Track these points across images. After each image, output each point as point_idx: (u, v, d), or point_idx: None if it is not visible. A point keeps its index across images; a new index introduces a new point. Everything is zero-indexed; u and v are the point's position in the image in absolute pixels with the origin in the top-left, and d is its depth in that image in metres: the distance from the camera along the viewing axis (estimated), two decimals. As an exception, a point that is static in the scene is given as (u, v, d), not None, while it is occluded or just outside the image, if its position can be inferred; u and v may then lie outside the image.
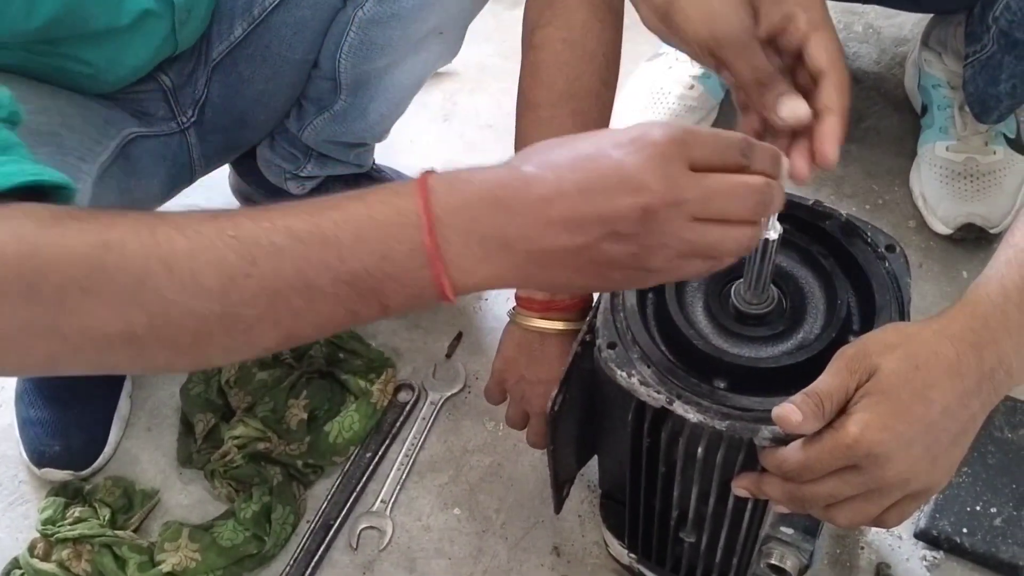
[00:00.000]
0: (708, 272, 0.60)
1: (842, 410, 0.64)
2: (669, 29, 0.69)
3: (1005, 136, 1.23)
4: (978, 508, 1.00)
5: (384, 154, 1.36)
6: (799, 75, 0.68)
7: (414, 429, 1.12)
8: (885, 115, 1.37)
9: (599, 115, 0.88)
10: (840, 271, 0.76)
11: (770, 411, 0.66)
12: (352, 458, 1.10)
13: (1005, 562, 0.98)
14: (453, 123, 1.45)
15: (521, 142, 0.88)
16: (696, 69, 1.34)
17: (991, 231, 1.19)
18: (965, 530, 0.99)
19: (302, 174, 1.17)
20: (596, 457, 0.92)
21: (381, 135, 1.17)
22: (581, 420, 0.83)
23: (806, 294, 0.75)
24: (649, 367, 0.72)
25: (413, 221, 0.55)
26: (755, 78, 0.66)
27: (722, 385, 0.71)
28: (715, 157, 0.57)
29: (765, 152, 0.59)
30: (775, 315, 0.74)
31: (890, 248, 0.76)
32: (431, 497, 1.08)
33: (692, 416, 0.70)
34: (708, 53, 0.68)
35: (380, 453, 1.10)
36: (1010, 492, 1.01)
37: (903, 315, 0.73)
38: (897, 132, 1.35)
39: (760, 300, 0.73)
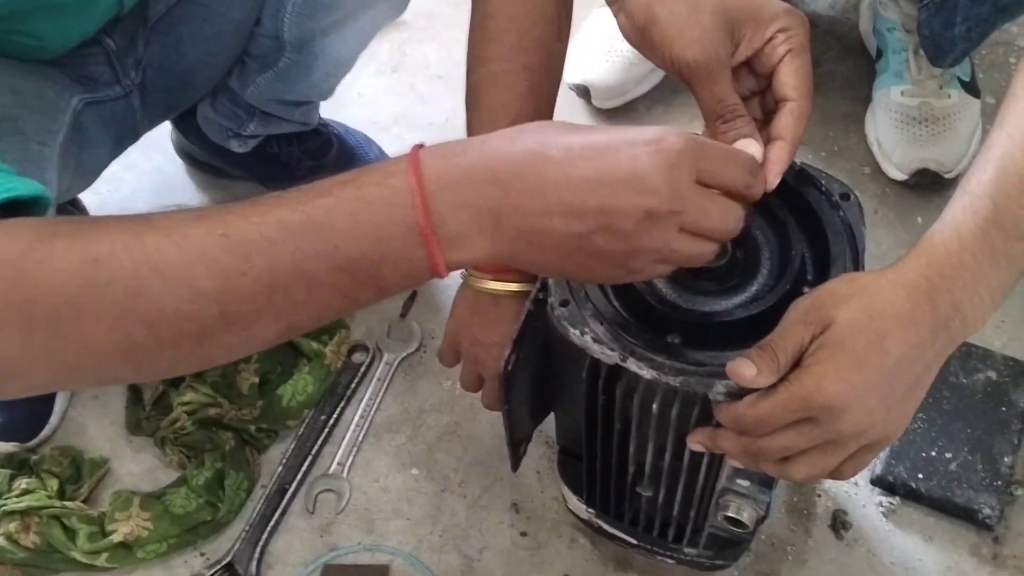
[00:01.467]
0: (667, 273, 0.62)
1: (797, 363, 0.64)
2: (645, 43, 0.67)
3: (960, 80, 1.22)
4: (933, 453, 1.01)
5: (331, 108, 1.33)
6: (768, 96, 0.68)
7: (369, 390, 1.11)
8: (840, 60, 1.35)
9: (552, 69, 0.86)
10: (794, 221, 0.74)
11: (725, 365, 0.65)
12: (306, 421, 1.08)
13: (961, 506, 0.98)
14: (402, 74, 1.42)
15: (473, 98, 0.86)
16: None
17: (946, 176, 1.19)
18: (921, 475, 1.00)
19: (244, 133, 1.14)
20: (553, 413, 0.91)
21: (326, 93, 1.13)
22: (536, 378, 0.82)
23: (760, 245, 0.74)
24: (602, 324, 0.70)
25: (407, 200, 0.55)
26: (716, 111, 0.66)
27: (676, 340, 0.70)
28: (721, 176, 0.58)
29: (759, 177, 0.62)
30: (729, 268, 0.72)
31: (844, 196, 0.75)
32: (388, 458, 1.07)
33: (646, 372, 0.68)
34: (677, 73, 0.67)
35: (335, 415, 1.09)
36: (964, 437, 1.02)
37: (858, 265, 0.72)
38: (852, 77, 1.33)
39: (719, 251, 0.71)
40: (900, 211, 1.22)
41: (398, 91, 1.40)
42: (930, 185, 1.20)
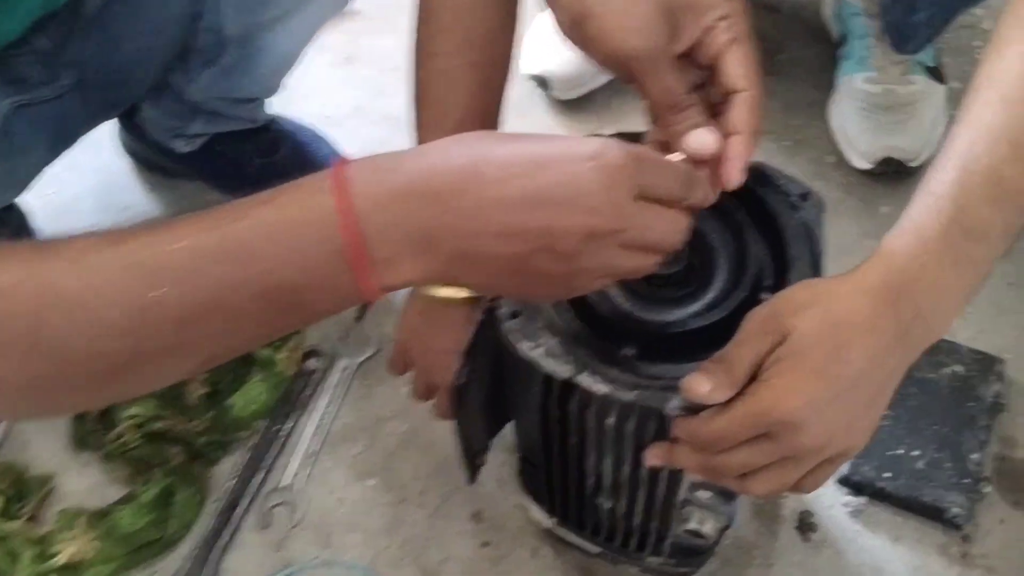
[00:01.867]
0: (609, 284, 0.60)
1: (755, 375, 0.61)
2: (582, 38, 0.63)
3: (924, 65, 1.20)
4: (900, 452, 0.99)
5: (283, 102, 1.28)
6: (711, 89, 0.65)
7: (325, 398, 1.07)
8: (803, 46, 1.33)
9: (501, 66, 0.83)
10: (752, 222, 0.72)
11: (680, 379, 0.62)
12: (259, 432, 1.05)
13: (928, 505, 0.97)
14: (357, 66, 1.38)
15: (421, 95, 0.83)
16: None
17: (911, 164, 1.17)
18: (888, 475, 0.98)
19: (189, 132, 1.10)
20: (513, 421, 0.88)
21: (273, 89, 1.09)
22: (490, 388, 0.79)
23: (716, 249, 0.71)
24: (554, 336, 0.68)
25: (332, 220, 0.51)
26: (665, 101, 0.62)
27: (631, 352, 0.67)
28: (661, 188, 0.56)
29: (702, 184, 0.59)
30: (685, 274, 0.70)
31: (804, 196, 0.72)
32: (345, 468, 1.03)
33: (599, 388, 0.66)
34: (619, 67, 0.63)
35: (289, 425, 1.05)
36: (932, 434, 1.00)
37: (817, 268, 0.70)
38: (816, 63, 1.31)
39: (668, 259, 0.69)
40: (865, 200, 1.19)
41: (353, 83, 1.36)
42: (895, 174, 1.18)
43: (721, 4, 0.62)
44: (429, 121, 0.82)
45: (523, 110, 1.29)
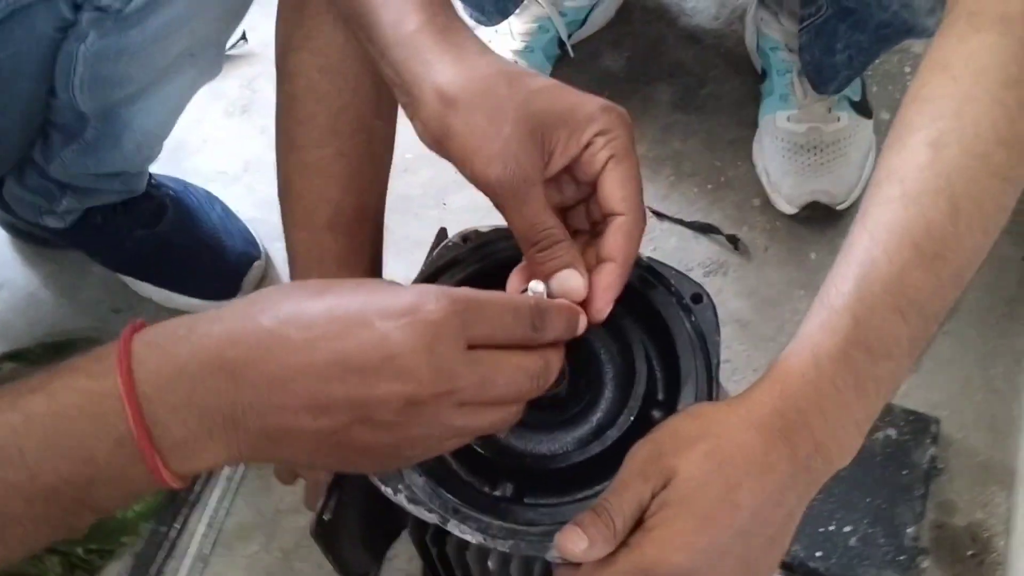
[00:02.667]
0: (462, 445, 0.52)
1: (640, 521, 0.54)
2: (445, 156, 0.57)
3: (849, 100, 1.13)
4: (832, 528, 0.93)
5: (174, 158, 1.20)
6: (594, 205, 0.58)
7: (217, 492, 0.99)
8: (726, 78, 1.25)
9: (374, 152, 0.75)
10: (642, 328, 0.65)
11: (560, 523, 0.55)
12: (145, 536, 0.97)
13: (864, 586, 0.91)
14: (254, 115, 1.29)
15: (286, 189, 0.75)
16: (518, 43, 1.20)
17: (838, 207, 1.10)
18: (819, 554, 0.92)
19: (59, 209, 1.01)
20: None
21: (143, 163, 1.01)
22: (368, 514, 0.71)
23: (604, 364, 0.64)
24: (421, 476, 0.60)
25: (114, 407, 0.45)
26: (528, 237, 0.55)
27: (508, 491, 0.60)
28: (499, 334, 0.49)
29: (559, 318, 0.52)
30: (569, 394, 0.63)
31: (696, 299, 0.65)
32: (240, 571, 0.96)
33: (470, 536, 0.58)
34: (484, 192, 0.56)
35: (178, 525, 0.97)
36: (865, 507, 0.94)
37: (711, 382, 0.63)
38: (739, 97, 1.24)
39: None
40: (791, 247, 1.13)
41: (249, 134, 1.27)
42: (822, 218, 1.12)
43: (599, 118, 0.55)
44: (297, 218, 0.74)
45: (433, 159, 1.19)
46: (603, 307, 0.55)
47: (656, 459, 0.54)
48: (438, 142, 0.56)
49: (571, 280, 0.55)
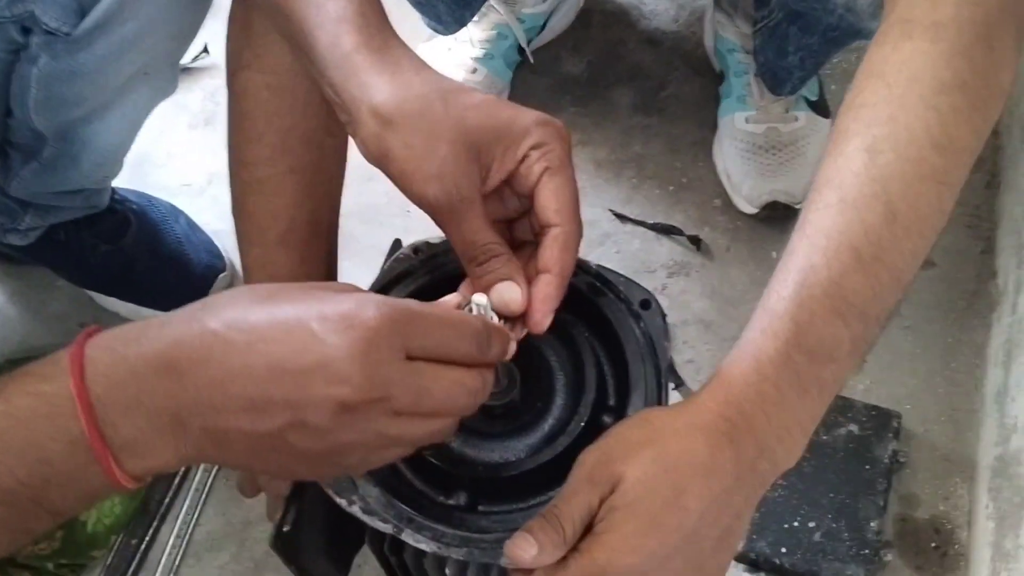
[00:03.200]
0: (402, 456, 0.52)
1: (589, 527, 0.55)
2: (385, 174, 0.57)
3: (807, 100, 1.14)
4: (796, 524, 0.94)
5: (139, 172, 1.20)
6: (533, 218, 0.59)
7: (187, 503, 1.00)
8: (686, 80, 1.26)
9: (327, 168, 0.75)
10: (592, 335, 0.66)
11: (513, 529, 0.56)
12: (115, 548, 0.97)
13: (828, 580, 0.92)
14: (217, 127, 1.28)
15: (238, 207, 0.75)
16: (478, 51, 1.20)
17: (797, 206, 1.11)
18: (784, 549, 0.93)
19: (21, 227, 1.01)
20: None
21: (104, 180, 1.01)
22: (332, 524, 0.72)
23: (554, 371, 0.65)
24: (375, 487, 0.61)
25: (67, 409, 0.46)
26: (467, 253, 0.56)
27: (463, 500, 0.61)
28: (440, 350, 0.49)
29: (501, 341, 0.53)
30: (521, 403, 0.63)
31: (645, 305, 0.66)
32: (210, 582, 0.96)
33: (425, 545, 0.59)
34: (425, 211, 0.57)
35: (148, 537, 0.98)
36: (828, 502, 0.95)
37: (660, 387, 0.64)
38: (699, 99, 1.25)
39: (498, 389, 0.62)
40: (753, 247, 1.14)
41: (213, 147, 1.27)
42: (783, 217, 1.13)
43: (533, 131, 0.56)
44: (250, 237, 0.75)
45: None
46: (541, 319, 0.56)
47: (604, 465, 0.55)
48: (377, 161, 0.57)
49: (509, 292, 0.56)
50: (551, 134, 0.56)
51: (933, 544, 0.98)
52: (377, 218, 1.19)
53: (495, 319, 0.56)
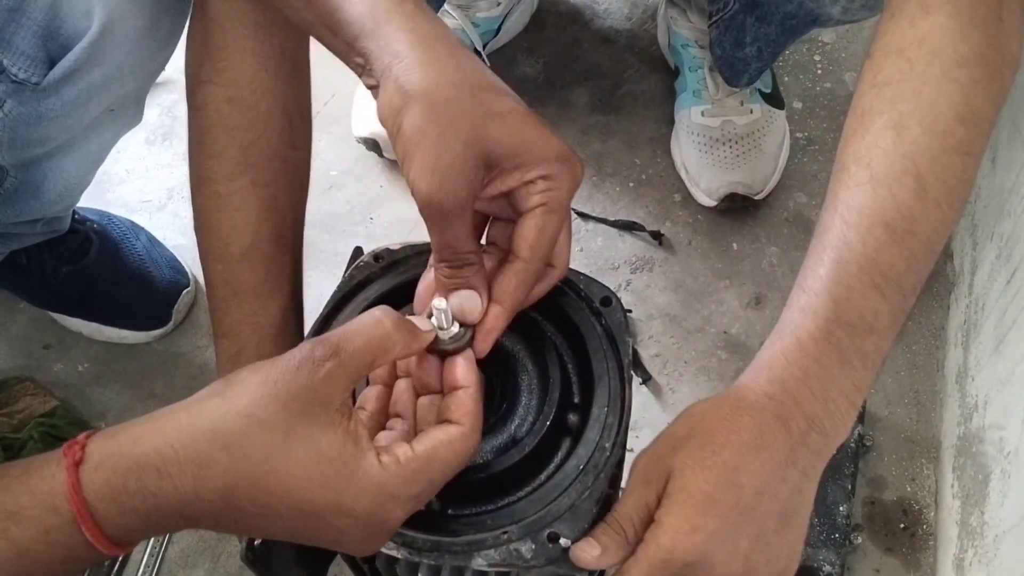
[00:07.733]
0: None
1: (652, 521, 0.56)
2: (391, 141, 0.56)
3: (761, 92, 1.16)
4: (766, 512, 0.95)
5: (98, 190, 1.20)
6: (511, 234, 0.59)
7: (159, 521, 0.99)
8: (641, 78, 1.28)
9: (290, 181, 0.75)
10: (555, 336, 0.66)
11: (484, 532, 0.58)
12: (88, 569, 0.96)
13: (801, 566, 0.92)
14: (175, 142, 1.29)
15: (201, 222, 0.75)
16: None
17: (756, 198, 1.13)
18: (756, 537, 0.94)
19: (-18, 254, 1.00)
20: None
21: (65, 210, 1.00)
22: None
23: (519, 372, 0.65)
24: (344, 495, 0.61)
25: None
26: (442, 255, 0.56)
27: (433, 505, 0.61)
28: (379, 364, 0.53)
29: (412, 330, 0.56)
30: (488, 407, 0.64)
31: (606, 302, 0.66)
32: (185, 599, 0.96)
33: (396, 552, 0.59)
34: (413, 197, 0.56)
35: (121, 557, 0.97)
36: (796, 489, 0.96)
37: (623, 381, 0.64)
38: (656, 95, 1.26)
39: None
40: (714, 239, 1.15)
41: (171, 162, 1.27)
42: (742, 209, 1.14)
43: (550, 163, 0.55)
44: (213, 252, 0.74)
45: (358, 174, 1.22)
46: (483, 348, 0.57)
47: (655, 463, 0.57)
48: (388, 132, 0.55)
49: (470, 301, 0.57)
50: (564, 172, 0.56)
51: (902, 525, 1.00)
52: (339, 226, 1.19)
53: (454, 324, 0.56)
